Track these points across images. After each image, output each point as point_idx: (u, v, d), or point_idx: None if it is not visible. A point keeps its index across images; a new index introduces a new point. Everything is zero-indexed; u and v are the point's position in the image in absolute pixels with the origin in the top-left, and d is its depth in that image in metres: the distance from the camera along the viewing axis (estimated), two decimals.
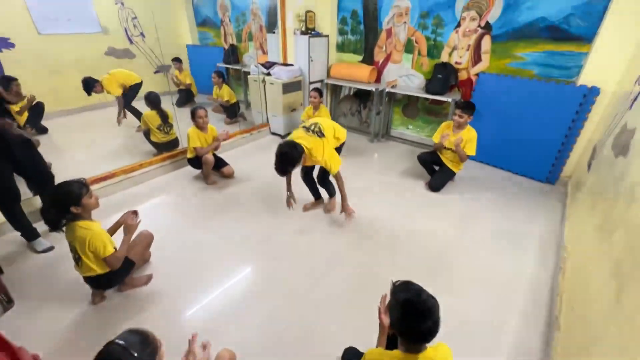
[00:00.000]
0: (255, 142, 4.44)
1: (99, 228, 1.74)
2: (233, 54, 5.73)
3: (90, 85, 4.10)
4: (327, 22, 4.45)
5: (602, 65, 2.88)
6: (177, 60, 5.53)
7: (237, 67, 5.75)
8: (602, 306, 1.29)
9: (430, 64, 3.98)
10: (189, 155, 3.29)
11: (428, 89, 3.83)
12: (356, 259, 2.32)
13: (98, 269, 1.75)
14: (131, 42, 5.84)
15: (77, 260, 1.74)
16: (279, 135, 4.59)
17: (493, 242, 2.52)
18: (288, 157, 2.18)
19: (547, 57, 3.22)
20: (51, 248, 2.37)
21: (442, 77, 3.70)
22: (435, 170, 3.29)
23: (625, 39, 2.70)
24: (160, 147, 3.74)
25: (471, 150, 2.96)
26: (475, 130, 2.98)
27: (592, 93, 2.95)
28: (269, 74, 4.31)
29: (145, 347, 0.96)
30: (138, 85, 4.47)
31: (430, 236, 2.56)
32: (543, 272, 2.22)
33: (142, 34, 5.91)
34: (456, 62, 3.78)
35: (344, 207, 2.56)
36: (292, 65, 4.36)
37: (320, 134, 2.40)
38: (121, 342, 0.94)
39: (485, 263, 2.30)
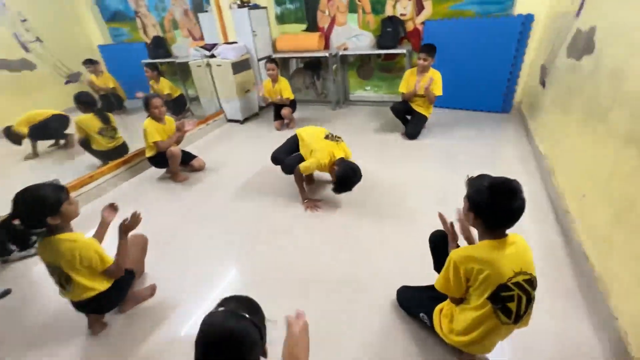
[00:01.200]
0: (213, 133, 4.07)
1: (86, 237, 1.40)
2: (160, 46, 5.14)
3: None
4: None
5: None
6: (89, 62, 4.71)
7: (168, 60, 5.18)
8: (624, 174, 1.41)
9: (376, 21, 4.00)
10: (149, 154, 2.86)
11: (380, 44, 3.85)
12: (358, 221, 2.24)
13: (98, 286, 1.41)
14: (26, 50, 4.88)
15: (66, 282, 1.38)
16: (237, 121, 4.28)
17: (480, 169, 2.65)
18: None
19: None
20: (7, 292, 1.89)
21: (392, 30, 3.75)
22: (408, 120, 3.35)
23: None
24: (106, 156, 3.20)
25: (439, 90, 3.06)
26: (439, 72, 3.08)
27: (528, 20, 3.24)
28: (212, 56, 3.95)
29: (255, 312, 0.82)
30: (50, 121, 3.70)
31: (425, 179, 2.61)
32: (532, 179, 2.41)
33: (38, 39, 4.97)
34: (401, 14, 3.85)
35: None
36: (235, 42, 4.04)
37: (338, 138, 2.36)
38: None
39: None
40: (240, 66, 3.98)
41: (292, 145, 2.47)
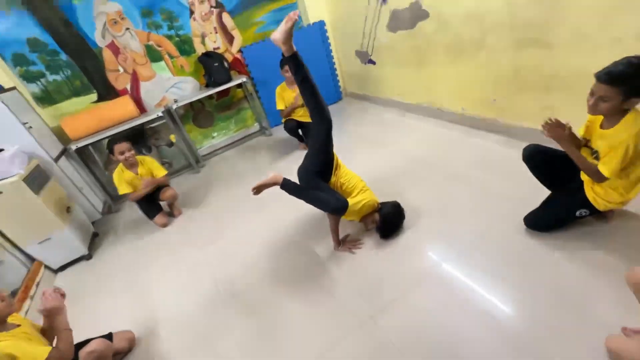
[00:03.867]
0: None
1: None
2: None
3: None
4: None
5: (312, 8, 3.81)
6: None
7: None
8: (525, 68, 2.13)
9: (190, 62, 3.51)
10: None
11: (214, 81, 3.43)
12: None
13: None
14: None
15: None
16: (79, 259, 2.58)
17: (389, 137, 3.08)
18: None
19: (276, 14, 3.80)
20: None
21: (219, 64, 3.43)
22: (301, 134, 3.28)
23: None
24: None
25: None
26: None
27: (321, 25, 3.91)
28: None
29: None
30: None
31: (365, 165, 2.72)
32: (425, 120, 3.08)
33: None
34: (215, 49, 3.58)
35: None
36: (1, 150, 2.34)
37: None
38: None
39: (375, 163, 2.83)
40: (37, 179, 2.38)
41: (323, 165, 1.85)
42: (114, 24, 3.05)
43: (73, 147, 2.90)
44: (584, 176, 1.50)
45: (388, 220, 1.86)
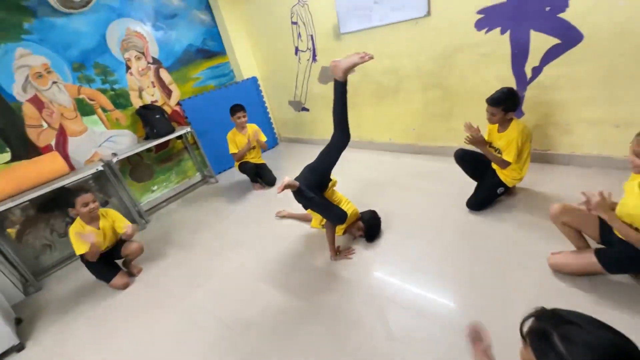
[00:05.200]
0: None
1: None
2: None
3: None
4: None
5: (244, 65, 4.25)
6: None
7: None
8: (431, 103, 2.97)
9: (127, 114, 3.38)
10: None
11: (157, 133, 3.36)
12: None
13: None
14: None
15: None
16: (6, 354, 1.99)
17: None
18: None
19: (212, 71, 4.08)
20: None
21: (160, 116, 3.41)
22: (257, 173, 3.46)
23: (245, 46, 4.19)
24: None
25: (264, 136, 3.45)
26: (254, 124, 3.46)
27: (254, 81, 4.35)
28: None
29: None
30: None
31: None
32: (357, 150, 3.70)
33: None
34: (152, 102, 3.56)
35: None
36: None
37: None
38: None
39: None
40: None
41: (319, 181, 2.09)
42: (38, 77, 2.79)
43: None
44: (494, 166, 2.20)
45: (371, 225, 2.21)
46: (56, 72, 2.89)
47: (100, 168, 2.91)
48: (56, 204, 2.92)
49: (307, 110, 4.20)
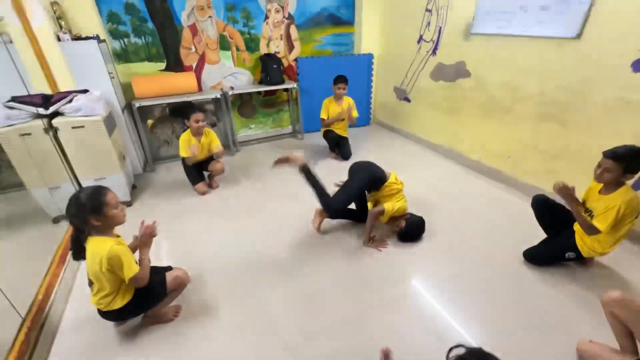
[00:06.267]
0: None
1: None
2: None
3: None
4: (87, 21, 2.94)
5: (366, 40, 4.32)
6: None
7: None
8: (544, 137, 2.62)
9: (252, 59, 3.91)
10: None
11: (269, 80, 3.82)
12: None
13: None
14: None
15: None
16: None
17: (418, 165, 3.50)
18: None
19: (334, 38, 4.29)
20: None
21: (277, 66, 3.84)
22: (337, 144, 3.68)
23: (374, 21, 4.23)
24: None
25: (356, 112, 3.59)
26: (351, 98, 3.62)
27: (370, 58, 4.41)
28: (55, 115, 2.37)
29: None
30: None
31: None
32: (446, 160, 3.53)
33: None
34: (275, 52, 4.00)
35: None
36: (87, 90, 2.62)
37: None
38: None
39: (429, 190, 3.26)
40: (110, 124, 2.65)
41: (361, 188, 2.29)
42: (200, 9, 3.44)
43: (137, 104, 3.19)
44: (577, 227, 1.93)
45: (411, 229, 2.23)
46: (214, 9, 3.50)
47: (218, 96, 3.51)
48: (181, 112, 3.67)
49: (409, 101, 4.11)
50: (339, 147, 3.67)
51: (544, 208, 2.08)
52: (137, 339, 1.64)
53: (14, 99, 2.30)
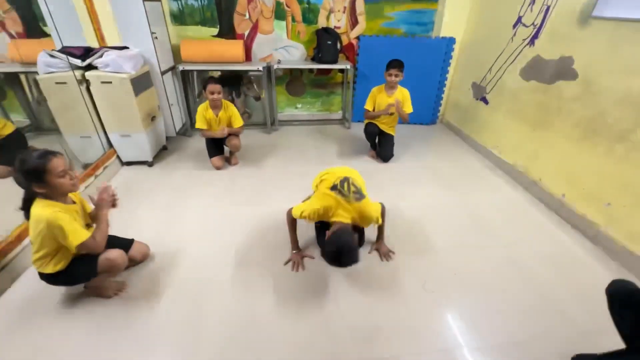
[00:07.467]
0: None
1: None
2: None
3: None
4: None
5: (449, 20, 3.52)
6: None
7: None
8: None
9: (308, 32, 3.55)
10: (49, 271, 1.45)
11: (321, 58, 3.43)
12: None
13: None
14: None
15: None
16: (143, 163, 2.89)
17: (470, 185, 2.75)
18: (351, 252, 1.51)
19: (410, 15, 3.60)
20: None
21: (332, 43, 3.41)
22: (379, 141, 3.14)
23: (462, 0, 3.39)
24: None
25: (409, 107, 2.97)
26: (406, 89, 2.99)
27: (450, 43, 3.61)
28: (89, 67, 2.47)
29: None
30: None
31: (439, 205, 2.47)
32: (513, 191, 2.67)
33: None
34: (335, 27, 3.56)
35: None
36: (126, 48, 2.68)
37: (360, 195, 1.66)
38: None
39: (476, 202, 2.49)
40: (141, 83, 2.67)
41: None
42: None
43: (181, 67, 3.19)
44: None
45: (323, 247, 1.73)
46: None
47: (261, 69, 3.29)
48: (223, 81, 3.59)
49: (486, 102, 3.25)
50: (379, 145, 3.13)
51: (630, 300, 1.30)
52: (77, 306, 1.58)
53: (62, 49, 2.45)
